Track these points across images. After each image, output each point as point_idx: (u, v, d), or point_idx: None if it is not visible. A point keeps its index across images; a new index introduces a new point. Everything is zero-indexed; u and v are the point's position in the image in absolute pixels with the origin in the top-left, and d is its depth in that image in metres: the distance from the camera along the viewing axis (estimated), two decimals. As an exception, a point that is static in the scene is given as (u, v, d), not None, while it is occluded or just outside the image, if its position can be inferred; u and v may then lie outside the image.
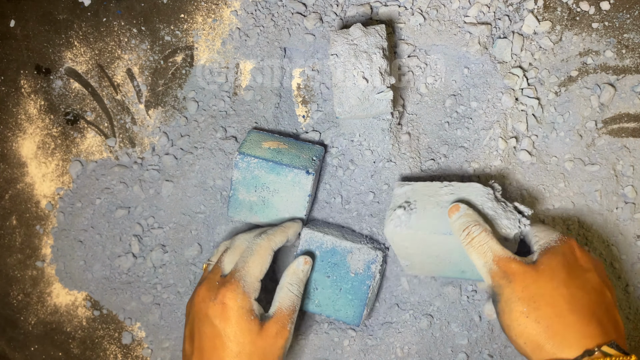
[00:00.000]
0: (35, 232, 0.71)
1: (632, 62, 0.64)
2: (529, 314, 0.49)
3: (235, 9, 0.67)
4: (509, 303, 0.50)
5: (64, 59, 0.70)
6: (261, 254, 0.57)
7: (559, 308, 0.48)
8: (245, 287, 0.55)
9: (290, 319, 0.57)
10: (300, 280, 0.59)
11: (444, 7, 0.63)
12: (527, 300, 0.49)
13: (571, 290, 0.49)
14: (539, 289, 0.49)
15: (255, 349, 0.54)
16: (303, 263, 0.59)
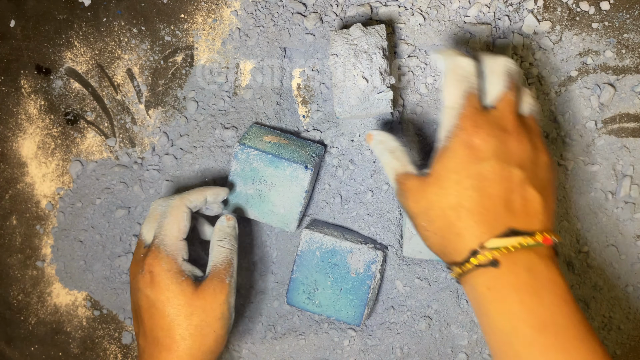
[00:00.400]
0: (36, 232, 0.71)
1: (632, 62, 0.64)
2: (427, 227, 0.50)
3: (235, 9, 0.67)
4: (412, 219, 0.51)
5: (64, 59, 0.70)
6: (175, 214, 0.55)
7: (448, 218, 0.48)
8: (166, 250, 0.54)
9: (228, 273, 0.56)
10: (229, 235, 0.58)
11: (444, 7, 0.63)
12: (422, 214, 0.50)
13: (459, 196, 0.48)
14: (429, 202, 0.49)
15: (194, 309, 0.53)
16: (225, 220, 0.58)
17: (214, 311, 0.54)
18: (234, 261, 0.57)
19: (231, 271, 0.56)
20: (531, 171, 0.48)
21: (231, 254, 0.57)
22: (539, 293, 0.45)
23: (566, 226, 0.65)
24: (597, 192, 0.64)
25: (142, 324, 0.54)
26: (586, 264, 0.65)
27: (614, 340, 0.65)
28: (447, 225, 0.48)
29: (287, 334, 0.66)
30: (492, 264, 0.46)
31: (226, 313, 0.55)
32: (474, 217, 0.47)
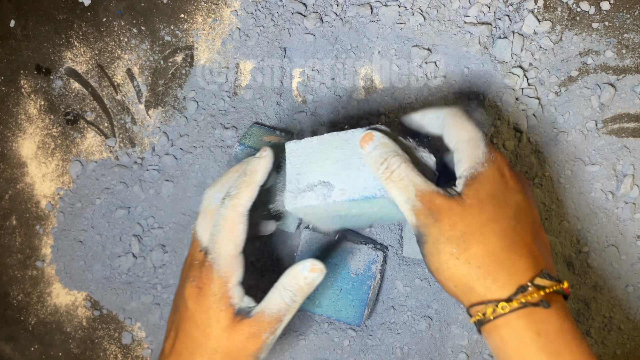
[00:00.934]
0: (35, 232, 0.71)
1: (633, 62, 0.64)
2: (459, 255, 0.44)
3: (235, 9, 0.67)
4: (437, 244, 0.44)
5: (64, 59, 0.70)
6: (229, 228, 0.48)
7: (490, 245, 0.43)
8: (219, 270, 0.48)
9: (270, 328, 0.48)
10: (299, 288, 0.48)
11: (444, 7, 0.63)
12: (456, 240, 0.44)
13: (502, 222, 0.44)
14: (468, 226, 0.43)
15: (219, 347, 0.47)
16: (309, 269, 0.48)
17: (243, 352, 0.48)
18: (284, 319, 0.48)
19: (275, 328, 0.48)
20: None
21: (287, 311, 0.48)
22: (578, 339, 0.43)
23: (566, 226, 0.65)
24: (597, 192, 0.64)
25: (175, 327, 0.51)
26: (586, 264, 0.65)
27: (614, 341, 0.65)
28: (488, 253, 0.43)
29: (287, 334, 0.66)
30: (543, 304, 0.42)
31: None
32: (521, 249, 0.44)
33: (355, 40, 0.65)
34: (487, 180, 0.45)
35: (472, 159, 0.46)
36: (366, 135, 0.47)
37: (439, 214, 0.44)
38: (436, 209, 0.44)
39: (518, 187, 0.46)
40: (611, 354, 0.65)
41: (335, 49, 0.65)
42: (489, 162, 0.45)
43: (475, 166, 0.45)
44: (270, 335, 0.48)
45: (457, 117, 0.47)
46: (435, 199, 0.44)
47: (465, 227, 0.44)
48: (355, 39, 0.65)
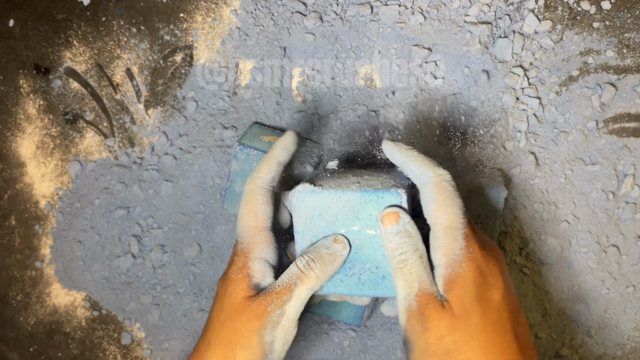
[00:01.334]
0: (35, 232, 0.71)
1: (633, 61, 0.64)
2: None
3: (235, 8, 0.67)
4: (423, 356, 0.42)
5: (63, 58, 0.69)
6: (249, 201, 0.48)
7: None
8: (243, 243, 0.47)
9: (278, 300, 0.45)
10: (318, 256, 0.45)
11: (444, 7, 0.63)
12: (441, 355, 0.42)
13: (488, 332, 0.42)
14: (455, 342, 0.42)
15: (227, 320, 0.45)
16: (331, 239, 0.46)
17: (241, 335, 0.45)
18: (296, 291, 0.45)
19: (284, 300, 0.45)
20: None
21: (297, 278, 0.45)
22: None
23: (567, 226, 0.64)
24: (598, 192, 0.64)
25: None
26: (587, 265, 0.65)
27: (614, 341, 0.65)
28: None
29: (287, 335, 0.66)
30: None
31: (255, 347, 0.45)
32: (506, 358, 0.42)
33: (355, 39, 0.65)
34: (468, 284, 0.43)
35: (449, 254, 0.43)
36: (392, 214, 0.44)
37: (428, 323, 0.42)
38: (427, 316, 0.42)
39: (496, 280, 0.44)
40: (611, 354, 0.65)
41: (335, 48, 0.65)
42: (467, 261, 0.43)
43: (453, 265, 0.43)
44: (277, 309, 0.45)
45: (441, 191, 0.44)
46: (429, 304, 0.42)
47: (452, 342, 0.42)
48: (356, 38, 0.65)
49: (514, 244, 0.65)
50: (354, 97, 0.65)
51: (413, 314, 0.43)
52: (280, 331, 0.45)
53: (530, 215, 0.64)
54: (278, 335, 0.45)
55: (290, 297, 0.45)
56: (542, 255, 0.65)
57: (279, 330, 0.45)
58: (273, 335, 0.45)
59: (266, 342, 0.45)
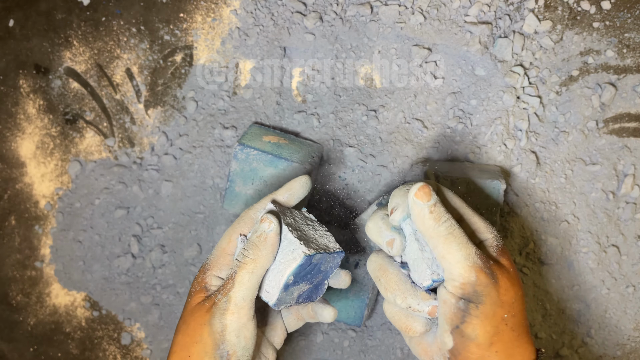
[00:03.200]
0: (34, 232, 0.71)
1: (633, 61, 0.64)
2: (508, 321, 0.44)
3: (235, 8, 0.67)
4: (495, 307, 0.44)
5: (63, 58, 0.69)
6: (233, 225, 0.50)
7: (523, 316, 0.46)
8: (208, 260, 0.50)
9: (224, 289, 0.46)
10: (251, 243, 0.47)
11: (444, 7, 0.63)
12: (508, 305, 0.44)
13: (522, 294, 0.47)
14: (516, 293, 0.45)
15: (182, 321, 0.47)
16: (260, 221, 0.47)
17: (193, 332, 0.46)
18: (237, 277, 0.46)
19: (227, 289, 0.46)
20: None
21: (236, 267, 0.47)
22: None
23: (567, 226, 0.64)
24: (598, 192, 0.64)
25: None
26: (587, 265, 0.64)
27: (614, 341, 0.65)
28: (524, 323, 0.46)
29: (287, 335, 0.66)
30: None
31: (206, 339, 0.45)
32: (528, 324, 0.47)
33: (355, 39, 0.65)
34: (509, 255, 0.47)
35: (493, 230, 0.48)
36: (425, 186, 0.45)
37: (498, 276, 0.45)
38: (495, 271, 0.45)
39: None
40: (611, 354, 0.65)
41: (335, 48, 0.65)
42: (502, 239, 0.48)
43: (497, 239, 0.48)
44: (222, 297, 0.46)
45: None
46: (491, 260, 0.45)
47: (514, 293, 0.45)
48: (355, 38, 0.65)
49: (514, 244, 0.65)
50: (354, 97, 0.65)
51: (481, 269, 0.44)
52: (230, 318, 0.45)
53: (531, 214, 0.64)
54: (229, 324, 0.45)
55: (232, 284, 0.46)
56: (542, 255, 0.65)
57: (228, 318, 0.45)
58: (223, 323, 0.45)
59: (216, 331, 0.45)
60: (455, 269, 0.44)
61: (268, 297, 0.48)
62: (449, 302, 0.45)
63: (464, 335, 0.45)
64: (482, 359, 0.44)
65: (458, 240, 0.45)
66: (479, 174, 0.61)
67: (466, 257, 0.44)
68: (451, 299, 0.45)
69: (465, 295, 0.44)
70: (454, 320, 0.45)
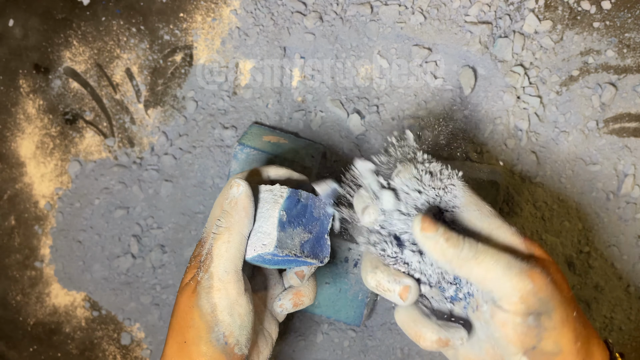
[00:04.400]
0: (34, 232, 0.71)
1: (634, 61, 0.64)
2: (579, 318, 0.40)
3: (235, 8, 0.67)
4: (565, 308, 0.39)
5: (63, 58, 0.69)
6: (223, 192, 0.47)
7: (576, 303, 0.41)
8: (204, 232, 0.47)
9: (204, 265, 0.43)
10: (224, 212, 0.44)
11: (444, 6, 0.63)
12: (571, 300, 0.39)
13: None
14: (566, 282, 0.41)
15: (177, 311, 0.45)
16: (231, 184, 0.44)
17: (185, 315, 0.43)
18: (214, 250, 0.43)
19: (207, 263, 0.43)
20: None
21: (214, 237, 0.43)
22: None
23: (567, 226, 0.64)
24: (598, 192, 0.64)
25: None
26: (587, 265, 0.64)
27: (616, 341, 0.65)
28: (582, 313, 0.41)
29: (287, 335, 0.66)
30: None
31: (198, 322, 0.42)
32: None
33: (355, 39, 0.65)
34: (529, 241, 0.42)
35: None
36: (425, 217, 0.40)
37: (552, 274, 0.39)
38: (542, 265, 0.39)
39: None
40: (612, 354, 0.65)
41: (335, 48, 0.65)
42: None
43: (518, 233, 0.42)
44: (204, 274, 0.43)
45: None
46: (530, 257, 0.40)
47: (566, 283, 0.40)
48: (356, 38, 0.64)
49: (514, 244, 0.64)
50: (354, 97, 0.65)
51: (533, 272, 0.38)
52: (218, 296, 0.42)
53: (531, 214, 0.64)
54: (217, 302, 0.42)
55: (211, 258, 0.43)
56: (542, 255, 0.65)
57: (215, 296, 0.42)
58: (211, 303, 0.42)
59: (206, 312, 0.42)
60: (505, 284, 0.38)
61: (264, 248, 0.44)
62: (513, 323, 0.38)
63: (545, 353, 0.39)
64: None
65: (488, 254, 0.39)
66: (479, 173, 0.61)
67: (507, 266, 0.38)
68: (515, 318, 0.38)
69: (532, 310, 0.38)
70: (526, 341, 0.38)
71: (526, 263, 0.38)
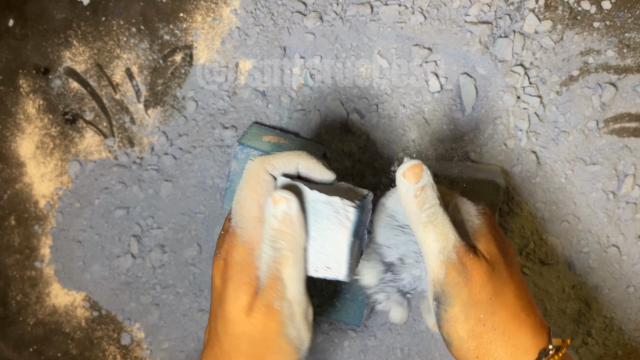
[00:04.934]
0: (34, 232, 0.71)
1: (634, 61, 0.64)
2: (486, 320, 0.40)
3: (235, 8, 0.67)
4: (466, 308, 0.40)
5: (63, 58, 0.69)
6: (252, 185, 0.41)
7: (513, 308, 0.41)
8: (243, 235, 0.41)
9: (274, 293, 0.40)
10: (276, 231, 0.40)
11: (444, 6, 0.63)
12: (484, 304, 0.40)
13: (515, 280, 0.42)
14: (494, 287, 0.41)
15: (241, 331, 0.41)
16: (272, 203, 0.40)
17: (267, 343, 0.41)
18: (283, 275, 0.41)
19: (279, 290, 0.41)
20: None
21: (277, 263, 0.40)
22: None
23: (567, 226, 0.64)
24: (598, 192, 0.64)
25: (211, 309, 0.45)
26: (587, 265, 0.64)
27: (615, 341, 0.65)
28: (512, 315, 0.41)
29: (286, 335, 0.66)
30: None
31: (285, 347, 0.41)
32: (532, 307, 0.42)
33: (355, 39, 0.65)
34: (490, 235, 0.43)
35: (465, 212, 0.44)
36: (416, 166, 0.41)
37: (471, 272, 0.40)
38: (469, 267, 0.40)
39: (501, 232, 0.45)
40: (612, 354, 0.65)
41: (335, 48, 0.65)
42: (481, 215, 0.44)
43: (470, 220, 0.44)
44: (282, 302, 0.40)
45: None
46: (469, 253, 0.41)
47: (492, 289, 0.40)
48: (356, 38, 0.64)
49: (514, 244, 0.65)
50: (354, 97, 0.65)
51: (453, 265, 0.40)
52: (300, 320, 0.42)
53: (531, 214, 0.64)
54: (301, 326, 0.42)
55: (284, 285, 0.41)
56: (542, 255, 0.65)
57: (298, 321, 0.41)
58: (297, 328, 0.42)
59: (293, 338, 0.42)
60: (429, 262, 0.41)
61: (333, 273, 0.42)
62: (428, 303, 0.42)
63: (445, 340, 0.42)
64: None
65: (438, 230, 0.40)
66: (478, 173, 0.61)
67: (441, 250, 0.40)
68: (429, 297, 0.42)
69: (436, 295, 0.41)
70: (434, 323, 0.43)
71: (458, 256, 0.40)
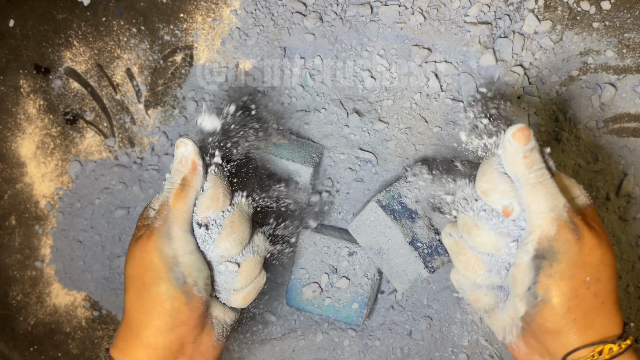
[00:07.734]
0: (35, 232, 0.71)
1: (633, 61, 0.64)
2: (590, 284, 0.39)
3: (235, 8, 0.67)
4: (574, 267, 0.39)
5: (63, 58, 0.69)
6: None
7: (613, 282, 0.41)
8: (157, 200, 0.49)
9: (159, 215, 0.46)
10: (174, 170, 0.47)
11: (444, 7, 0.63)
12: (592, 267, 0.39)
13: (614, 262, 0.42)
14: (604, 255, 0.40)
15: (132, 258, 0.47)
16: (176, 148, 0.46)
17: (142, 260, 0.44)
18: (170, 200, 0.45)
19: (164, 215, 0.45)
20: None
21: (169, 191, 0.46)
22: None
23: (567, 226, 0.64)
24: (598, 192, 0.64)
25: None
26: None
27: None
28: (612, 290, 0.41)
29: (287, 335, 0.66)
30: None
31: (157, 263, 0.44)
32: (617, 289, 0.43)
33: (355, 39, 0.65)
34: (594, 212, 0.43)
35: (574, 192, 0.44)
36: (525, 128, 0.41)
37: (582, 232, 0.40)
38: (581, 226, 0.40)
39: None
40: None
41: (335, 48, 0.65)
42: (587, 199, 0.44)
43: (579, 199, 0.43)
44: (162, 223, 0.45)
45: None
46: (578, 215, 0.41)
47: (602, 255, 0.40)
48: (356, 38, 0.65)
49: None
50: (354, 97, 0.65)
51: (565, 223, 0.40)
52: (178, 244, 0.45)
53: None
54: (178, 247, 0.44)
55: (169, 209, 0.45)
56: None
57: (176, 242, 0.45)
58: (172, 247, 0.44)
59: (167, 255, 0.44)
60: (537, 221, 0.40)
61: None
62: (521, 262, 0.40)
63: (537, 297, 0.40)
64: (557, 328, 0.40)
65: (547, 190, 0.40)
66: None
67: (552, 208, 0.40)
68: (524, 256, 0.40)
69: (540, 251, 0.40)
70: (524, 281, 0.40)
71: (569, 215, 0.40)
